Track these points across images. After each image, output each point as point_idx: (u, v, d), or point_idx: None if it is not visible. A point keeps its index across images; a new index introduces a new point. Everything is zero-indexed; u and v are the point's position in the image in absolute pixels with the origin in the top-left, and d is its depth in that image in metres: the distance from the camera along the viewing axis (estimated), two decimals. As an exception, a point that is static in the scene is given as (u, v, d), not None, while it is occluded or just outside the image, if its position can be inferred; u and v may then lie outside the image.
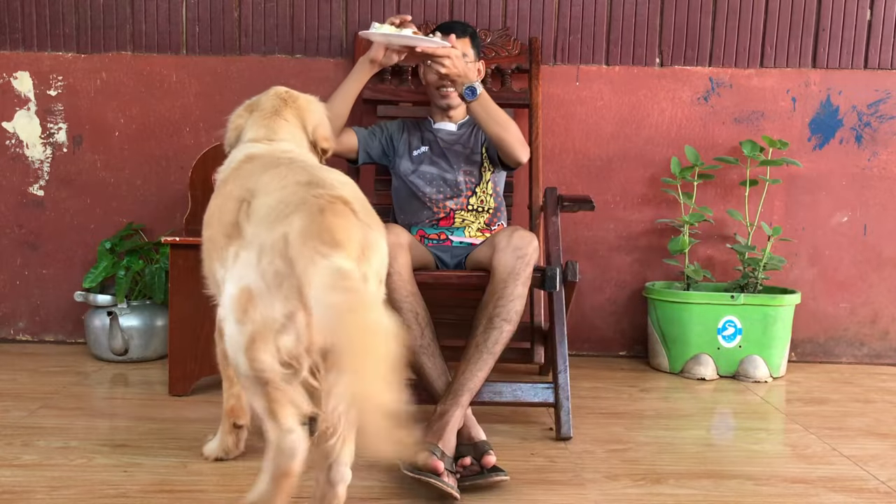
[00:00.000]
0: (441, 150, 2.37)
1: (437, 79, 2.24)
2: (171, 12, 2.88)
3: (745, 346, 2.71)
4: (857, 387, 2.67)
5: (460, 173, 2.33)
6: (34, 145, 2.92)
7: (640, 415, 2.26)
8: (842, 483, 1.76)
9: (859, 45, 2.92)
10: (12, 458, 1.77)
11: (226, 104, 2.89)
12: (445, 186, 2.32)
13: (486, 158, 2.37)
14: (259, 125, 1.72)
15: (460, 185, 2.32)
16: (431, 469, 1.56)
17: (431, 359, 1.93)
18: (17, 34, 2.89)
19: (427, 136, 2.41)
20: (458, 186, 2.32)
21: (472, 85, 2.12)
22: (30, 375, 2.51)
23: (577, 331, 2.97)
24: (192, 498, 1.58)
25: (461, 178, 2.33)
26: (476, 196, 2.34)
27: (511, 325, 1.88)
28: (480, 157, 2.37)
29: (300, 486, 1.66)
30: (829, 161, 2.97)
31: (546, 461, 1.84)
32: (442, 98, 2.36)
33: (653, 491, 1.69)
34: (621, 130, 2.94)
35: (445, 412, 1.77)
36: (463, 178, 2.33)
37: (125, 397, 2.35)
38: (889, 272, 3.00)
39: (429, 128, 2.43)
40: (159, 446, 1.87)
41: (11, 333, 3.00)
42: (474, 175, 2.35)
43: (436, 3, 2.89)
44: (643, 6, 2.90)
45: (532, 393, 2.03)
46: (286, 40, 2.90)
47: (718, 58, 2.92)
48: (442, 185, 2.32)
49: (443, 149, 2.37)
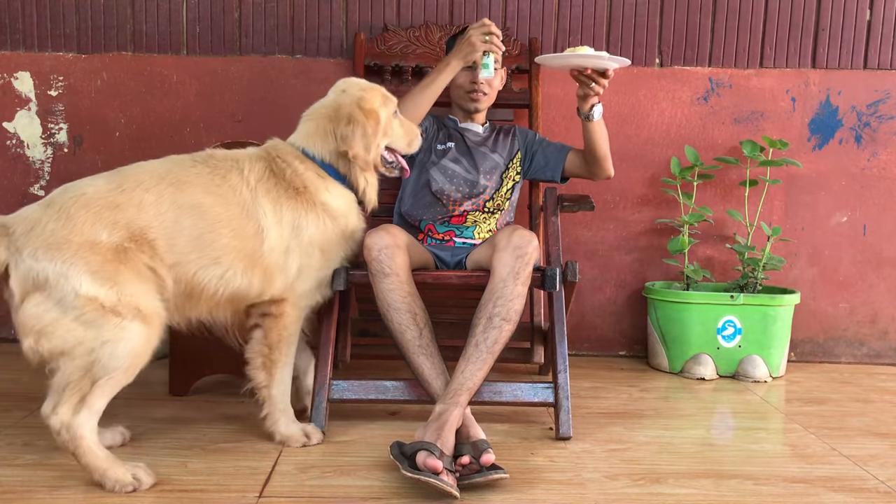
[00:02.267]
0: (467, 149, 2.37)
1: (468, 81, 2.30)
2: (171, 12, 2.88)
3: (745, 345, 2.71)
4: (857, 386, 2.67)
5: (482, 176, 2.34)
6: (35, 145, 2.92)
7: (640, 414, 2.26)
8: (841, 483, 1.76)
9: (859, 45, 2.92)
10: (13, 458, 1.77)
11: (226, 104, 2.91)
12: (465, 186, 2.32)
13: (514, 168, 2.39)
14: None
15: (480, 187, 2.33)
16: (430, 469, 1.56)
17: (430, 359, 1.93)
18: (18, 34, 2.89)
19: (453, 134, 2.41)
20: (477, 188, 2.32)
21: (598, 104, 2.19)
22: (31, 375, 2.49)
23: (577, 331, 2.97)
24: (192, 498, 1.59)
25: (482, 181, 2.33)
26: (493, 200, 2.35)
27: (511, 325, 1.88)
28: (506, 165, 2.38)
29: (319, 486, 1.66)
30: (828, 161, 2.97)
31: (546, 461, 1.85)
32: (472, 101, 2.38)
33: (652, 491, 1.69)
34: (621, 131, 2.94)
35: (444, 411, 1.77)
36: (483, 181, 2.33)
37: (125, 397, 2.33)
38: (888, 272, 3.01)
39: (454, 126, 2.43)
40: (160, 446, 1.87)
41: (12, 333, 2.99)
42: (493, 180, 2.35)
43: (436, 3, 2.89)
44: (643, 6, 2.91)
45: (532, 393, 2.03)
46: (286, 41, 2.90)
47: (718, 58, 2.92)
48: (462, 184, 2.32)
49: (469, 148, 2.37)
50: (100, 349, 1.58)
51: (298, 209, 1.85)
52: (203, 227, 1.73)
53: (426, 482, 1.55)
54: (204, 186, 1.77)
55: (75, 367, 1.58)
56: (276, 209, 1.82)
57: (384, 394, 2.04)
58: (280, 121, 2.90)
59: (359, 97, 1.95)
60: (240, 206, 1.79)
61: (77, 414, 1.58)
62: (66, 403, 1.58)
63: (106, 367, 1.59)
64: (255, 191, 1.82)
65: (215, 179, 1.80)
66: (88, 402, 1.59)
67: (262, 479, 1.68)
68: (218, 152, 1.90)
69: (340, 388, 2.03)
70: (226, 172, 1.82)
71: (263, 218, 1.80)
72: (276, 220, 1.82)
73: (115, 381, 1.62)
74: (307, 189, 1.87)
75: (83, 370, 1.59)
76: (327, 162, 1.94)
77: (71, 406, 1.58)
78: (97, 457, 1.60)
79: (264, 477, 1.69)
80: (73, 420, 1.58)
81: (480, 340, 1.87)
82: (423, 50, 2.80)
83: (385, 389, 2.04)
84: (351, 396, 2.03)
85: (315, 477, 1.70)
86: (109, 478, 1.59)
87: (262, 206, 1.81)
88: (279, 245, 1.82)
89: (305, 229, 1.85)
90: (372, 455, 1.83)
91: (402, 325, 1.93)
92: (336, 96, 1.99)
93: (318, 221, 1.87)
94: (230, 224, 1.77)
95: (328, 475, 1.71)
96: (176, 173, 1.77)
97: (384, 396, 2.04)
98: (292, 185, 1.86)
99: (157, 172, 1.76)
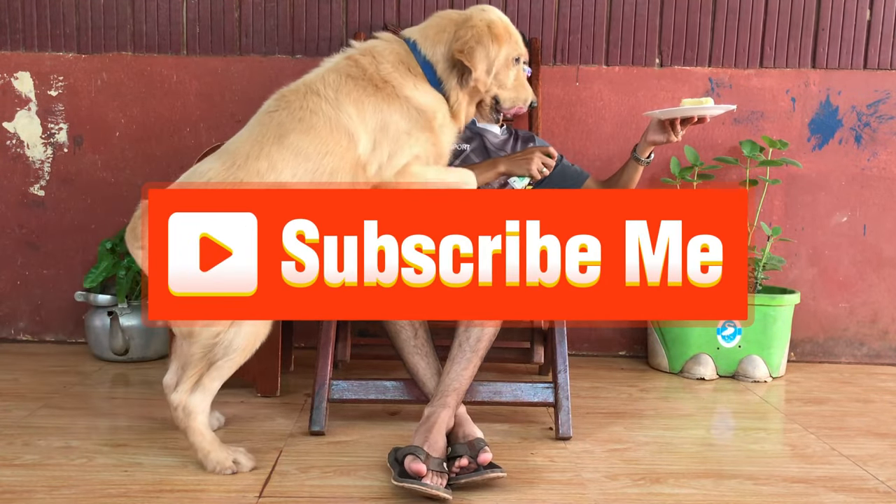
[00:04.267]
0: (486, 149, 2.34)
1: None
2: (171, 12, 2.88)
3: (745, 345, 2.71)
4: (857, 386, 2.67)
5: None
6: (35, 145, 2.92)
7: (640, 414, 2.26)
8: (841, 483, 1.77)
9: (859, 45, 2.92)
10: (13, 458, 1.77)
11: (226, 104, 2.91)
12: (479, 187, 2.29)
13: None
14: None
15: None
16: (414, 472, 1.57)
17: (425, 359, 1.94)
18: (18, 34, 2.89)
19: (472, 135, 2.36)
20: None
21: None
22: (30, 375, 2.51)
23: (576, 331, 2.97)
24: (192, 498, 1.59)
25: (495, 185, 2.27)
26: None
27: (492, 323, 1.87)
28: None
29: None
30: (828, 161, 2.97)
31: (546, 461, 1.85)
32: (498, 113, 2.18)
33: (652, 490, 1.69)
34: (621, 131, 2.94)
35: (432, 414, 1.78)
36: (497, 185, 2.28)
37: (126, 397, 2.35)
38: (888, 272, 3.00)
39: (472, 126, 2.36)
40: (160, 446, 1.87)
41: (12, 333, 3.00)
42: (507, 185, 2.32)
43: (436, 3, 2.89)
44: (643, 6, 2.91)
45: (532, 393, 2.03)
46: (287, 41, 2.90)
47: (718, 58, 2.92)
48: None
49: (488, 149, 2.34)
50: (225, 332, 1.68)
51: (380, 103, 1.81)
52: (311, 166, 1.75)
53: (410, 489, 1.55)
54: (294, 128, 1.77)
55: (199, 348, 1.69)
56: (359, 110, 1.80)
57: (384, 394, 2.04)
58: (280, 121, 2.91)
59: (491, 21, 1.88)
60: (328, 125, 1.78)
61: (192, 394, 1.71)
62: (184, 383, 1.72)
63: (227, 350, 1.70)
64: (335, 101, 1.80)
65: (297, 114, 1.79)
66: (204, 382, 1.72)
67: (262, 479, 1.68)
68: (287, 87, 1.89)
69: (340, 388, 2.03)
70: (302, 102, 1.81)
71: (350, 122, 1.79)
72: (360, 119, 1.80)
73: (232, 363, 1.72)
74: (388, 84, 1.82)
75: (205, 350, 1.70)
76: (429, 59, 1.87)
77: (189, 386, 1.72)
78: (204, 438, 1.72)
79: (264, 477, 1.69)
80: (188, 400, 1.71)
81: (463, 340, 1.87)
82: (423, 50, 2.79)
83: (385, 389, 2.04)
84: (351, 396, 2.03)
85: (315, 477, 1.70)
86: (211, 459, 1.70)
87: (346, 111, 1.79)
88: (369, 142, 1.80)
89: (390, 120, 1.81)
90: (372, 455, 1.83)
91: (398, 325, 1.94)
92: (472, 10, 1.92)
93: (401, 111, 1.82)
94: (328, 147, 1.76)
95: (328, 475, 1.72)
96: (267, 131, 1.78)
97: (384, 396, 2.04)
98: (372, 82, 1.82)
99: (253, 138, 1.78)
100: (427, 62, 1.87)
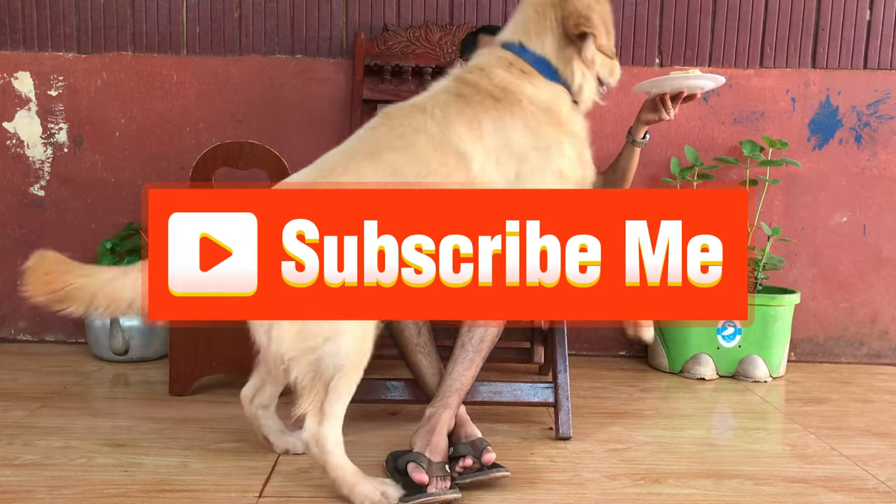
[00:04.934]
0: None
1: None
2: (171, 12, 2.88)
3: (745, 345, 2.71)
4: (857, 386, 2.67)
5: None
6: (35, 145, 2.92)
7: (640, 414, 2.26)
8: (841, 483, 1.77)
9: (859, 45, 2.92)
10: (13, 458, 1.77)
11: (226, 104, 2.91)
12: None
13: None
14: None
15: None
16: (418, 482, 1.57)
17: (427, 357, 1.93)
18: (18, 34, 2.89)
19: None
20: None
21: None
22: (30, 375, 2.51)
23: (576, 331, 2.97)
24: (192, 498, 1.59)
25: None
26: None
27: (495, 323, 1.88)
28: None
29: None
30: (828, 161, 2.97)
31: (546, 461, 1.85)
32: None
33: (652, 490, 1.69)
34: (621, 131, 2.93)
35: (433, 415, 1.77)
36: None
37: (126, 397, 2.35)
38: (888, 272, 3.00)
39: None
40: (160, 446, 1.87)
41: (12, 333, 3.00)
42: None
43: (436, 3, 2.89)
44: (643, 6, 2.91)
45: (532, 393, 2.03)
46: (287, 41, 2.90)
47: (718, 58, 2.92)
48: None
49: None
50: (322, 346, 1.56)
51: (502, 116, 1.72)
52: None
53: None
54: (391, 146, 1.69)
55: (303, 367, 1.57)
56: (471, 129, 1.70)
57: (384, 394, 2.04)
58: (280, 121, 2.91)
59: None
60: (431, 144, 1.68)
61: (321, 425, 1.57)
62: (309, 414, 1.57)
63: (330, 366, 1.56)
64: (443, 120, 1.70)
65: (397, 131, 1.71)
66: (325, 409, 1.57)
67: (262, 479, 1.68)
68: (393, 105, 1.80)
69: (340, 388, 2.02)
70: (405, 120, 1.73)
71: (461, 142, 1.69)
72: (473, 138, 1.70)
73: (347, 380, 1.58)
74: (506, 91, 1.73)
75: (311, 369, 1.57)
76: (540, 54, 1.79)
77: (314, 416, 1.57)
78: (345, 471, 1.58)
79: (264, 477, 1.69)
80: (320, 432, 1.56)
81: (466, 340, 1.86)
82: (423, 50, 2.80)
83: (385, 389, 2.04)
84: (351, 396, 2.03)
85: (315, 477, 1.70)
86: (358, 493, 1.55)
87: (454, 131, 1.69)
88: (488, 162, 1.70)
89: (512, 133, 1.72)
90: (372, 455, 1.83)
91: (401, 323, 1.93)
92: None
93: (525, 118, 1.73)
94: (429, 167, 1.67)
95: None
96: (361, 145, 1.72)
97: (384, 396, 2.04)
98: (491, 95, 1.73)
99: (344, 152, 1.72)
100: (539, 58, 1.79)
